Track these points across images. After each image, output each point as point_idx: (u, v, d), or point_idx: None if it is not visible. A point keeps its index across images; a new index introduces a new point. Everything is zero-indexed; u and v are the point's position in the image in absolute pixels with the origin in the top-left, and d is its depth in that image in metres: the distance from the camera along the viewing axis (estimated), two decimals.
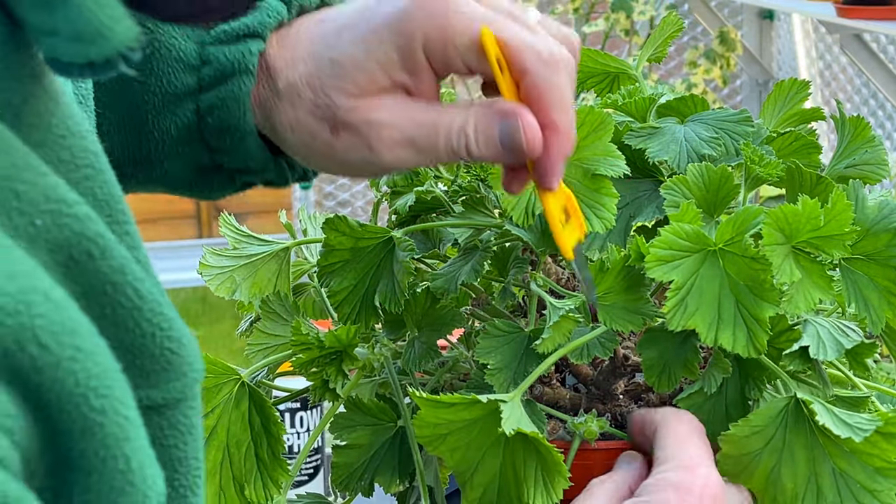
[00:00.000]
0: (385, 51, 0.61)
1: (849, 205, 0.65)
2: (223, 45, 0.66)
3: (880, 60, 2.81)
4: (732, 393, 0.69)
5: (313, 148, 0.64)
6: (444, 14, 0.60)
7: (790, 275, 0.64)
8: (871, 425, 0.63)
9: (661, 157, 0.74)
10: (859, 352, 0.68)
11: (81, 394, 0.36)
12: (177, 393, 0.43)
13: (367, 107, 0.62)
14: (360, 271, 0.76)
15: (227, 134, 0.66)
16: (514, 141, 0.60)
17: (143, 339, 0.41)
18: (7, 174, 0.38)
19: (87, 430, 0.36)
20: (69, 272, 0.39)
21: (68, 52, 0.39)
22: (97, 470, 0.37)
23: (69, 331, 0.36)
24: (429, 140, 0.62)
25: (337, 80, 0.62)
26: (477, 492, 0.66)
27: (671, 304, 0.64)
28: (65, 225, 0.39)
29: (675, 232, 0.65)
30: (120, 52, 0.39)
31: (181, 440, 0.44)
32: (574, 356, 0.70)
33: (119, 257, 0.40)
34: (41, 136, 0.41)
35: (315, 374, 0.73)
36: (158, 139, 0.68)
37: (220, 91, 0.66)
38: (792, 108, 0.81)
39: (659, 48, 0.82)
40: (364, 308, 0.76)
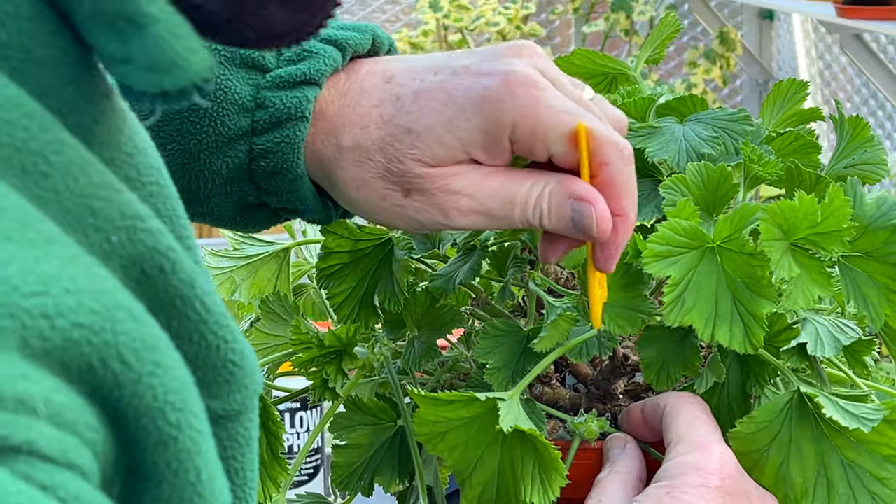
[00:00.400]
0: (469, 130, 0.63)
1: (846, 200, 0.65)
2: (280, 90, 0.67)
3: (880, 60, 2.81)
4: (734, 390, 0.69)
5: (380, 206, 0.65)
6: (535, 105, 0.62)
7: (789, 270, 0.64)
8: (878, 415, 0.63)
9: (660, 157, 0.74)
10: (857, 349, 0.68)
11: (159, 408, 0.36)
12: (237, 405, 0.43)
13: (443, 175, 0.64)
14: (359, 273, 0.76)
15: (278, 177, 0.67)
16: (585, 225, 0.63)
17: (208, 351, 0.41)
18: (84, 192, 0.38)
19: (161, 443, 0.37)
20: (140, 287, 0.39)
21: (141, 82, 0.39)
22: (168, 481, 0.37)
23: (150, 347, 0.36)
24: (504, 210, 0.64)
25: (414, 150, 0.64)
26: (476, 490, 0.66)
27: (668, 300, 0.65)
28: (139, 240, 0.39)
29: (673, 228, 0.65)
30: (194, 82, 0.39)
31: (239, 452, 0.44)
32: (573, 355, 0.70)
33: (189, 270, 0.40)
34: (110, 154, 0.41)
35: (315, 374, 0.74)
36: (209, 178, 0.68)
37: (274, 135, 0.66)
38: (791, 108, 0.81)
39: (657, 49, 0.82)
40: (364, 309, 0.77)
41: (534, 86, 0.63)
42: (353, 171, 0.65)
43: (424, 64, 0.66)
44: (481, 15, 3.18)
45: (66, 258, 0.35)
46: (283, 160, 0.67)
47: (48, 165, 0.37)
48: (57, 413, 0.33)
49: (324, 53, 0.67)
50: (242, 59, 0.67)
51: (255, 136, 0.67)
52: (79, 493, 0.33)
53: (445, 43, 3.22)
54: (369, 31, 0.70)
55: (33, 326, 0.32)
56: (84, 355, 0.34)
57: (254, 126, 0.67)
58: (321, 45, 0.67)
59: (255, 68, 0.68)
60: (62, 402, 0.33)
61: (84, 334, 0.34)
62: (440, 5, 3.18)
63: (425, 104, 0.64)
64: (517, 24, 3.21)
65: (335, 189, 0.67)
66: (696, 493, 0.62)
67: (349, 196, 0.66)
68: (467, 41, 3.24)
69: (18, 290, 0.32)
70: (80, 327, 0.34)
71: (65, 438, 0.33)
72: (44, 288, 0.33)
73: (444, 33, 3.24)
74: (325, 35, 0.68)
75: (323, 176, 0.67)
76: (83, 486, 0.33)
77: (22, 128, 0.36)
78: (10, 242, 0.33)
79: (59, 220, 0.36)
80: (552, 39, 3.79)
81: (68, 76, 0.39)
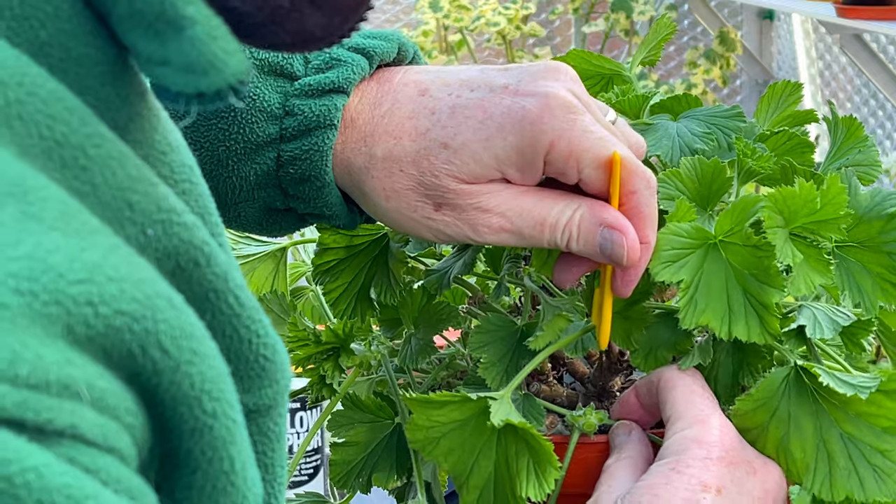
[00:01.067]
0: (506, 149, 0.64)
1: (843, 188, 0.66)
2: (308, 98, 0.67)
3: (880, 60, 2.81)
4: (724, 377, 0.70)
5: (410, 218, 0.66)
6: (573, 129, 0.63)
7: (792, 257, 0.65)
8: (874, 382, 0.64)
9: (653, 152, 0.74)
10: (855, 331, 0.69)
11: (196, 396, 0.37)
12: (268, 399, 0.43)
13: (476, 192, 0.65)
14: (355, 268, 0.77)
15: (306, 183, 0.68)
16: (615, 253, 0.65)
17: (241, 344, 0.42)
18: (122, 185, 0.38)
19: (197, 431, 0.37)
20: (174, 280, 0.39)
21: (178, 83, 0.40)
22: (202, 469, 0.38)
23: (188, 335, 0.36)
24: (534, 231, 0.65)
25: (449, 165, 0.65)
26: (473, 494, 0.67)
27: (682, 304, 0.65)
28: (174, 234, 0.39)
29: (674, 231, 0.66)
30: (230, 84, 0.40)
31: (269, 447, 0.44)
32: (569, 350, 0.71)
33: (223, 264, 0.41)
34: (144, 152, 0.42)
35: (312, 371, 0.74)
36: (237, 184, 0.69)
37: (303, 143, 0.67)
38: (786, 109, 0.81)
39: (652, 51, 0.83)
40: (360, 303, 0.77)
41: (572, 110, 0.64)
42: (384, 181, 0.66)
43: (459, 78, 0.67)
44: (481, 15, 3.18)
45: (108, 247, 0.35)
46: (311, 167, 0.67)
47: (87, 159, 0.37)
48: (99, 398, 0.33)
49: (352, 62, 0.68)
50: (271, 66, 0.68)
51: (283, 142, 0.68)
52: (119, 476, 0.34)
53: (445, 43, 3.23)
54: (395, 39, 0.70)
55: (78, 313, 0.33)
56: (125, 342, 0.34)
57: (282, 133, 0.68)
58: (349, 54, 0.68)
59: (284, 76, 0.68)
60: (104, 388, 0.34)
61: (126, 321, 0.34)
62: (440, 5, 3.18)
63: (462, 120, 0.65)
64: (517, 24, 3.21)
65: (364, 198, 0.68)
66: (701, 465, 0.62)
67: (378, 205, 0.67)
68: (467, 41, 3.24)
69: (64, 278, 0.33)
70: (122, 315, 0.34)
71: (106, 423, 0.34)
72: (88, 276, 0.33)
73: (444, 33, 3.24)
74: (352, 43, 0.69)
75: (352, 184, 0.68)
76: (123, 470, 0.34)
77: (63, 122, 0.37)
78: (55, 231, 0.33)
79: (98, 212, 0.37)
80: (552, 39, 3.79)
81: (105, 75, 0.40)
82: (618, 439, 0.69)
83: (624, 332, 0.70)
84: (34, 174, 0.35)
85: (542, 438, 0.64)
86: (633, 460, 0.66)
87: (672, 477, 0.62)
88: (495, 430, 0.65)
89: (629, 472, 0.66)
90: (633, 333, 0.70)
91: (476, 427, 0.65)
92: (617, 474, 0.66)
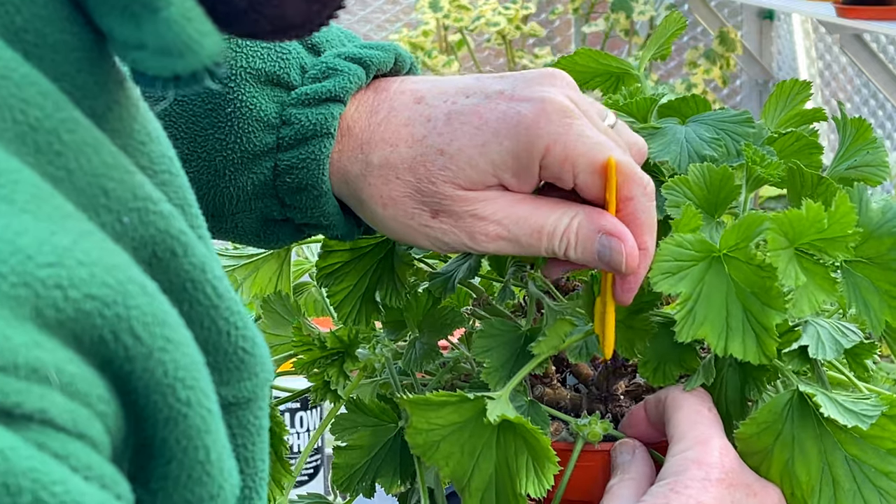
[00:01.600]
0: (502, 154, 0.64)
1: (852, 207, 0.65)
2: (305, 107, 0.67)
3: (880, 60, 2.81)
4: (732, 393, 0.69)
5: (407, 225, 0.66)
6: (569, 133, 0.63)
7: (795, 279, 0.64)
8: (877, 411, 0.63)
9: (661, 158, 0.74)
10: (858, 352, 0.68)
11: (169, 384, 0.36)
12: (248, 392, 0.43)
13: (472, 198, 0.65)
14: (359, 271, 0.76)
15: (303, 192, 0.68)
16: (612, 259, 0.65)
17: (219, 336, 0.41)
18: (97, 171, 0.38)
19: (172, 420, 0.37)
20: (150, 269, 0.39)
21: (154, 66, 0.40)
22: (177, 458, 0.38)
23: (161, 322, 0.36)
24: (531, 239, 0.65)
25: (446, 171, 0.65)
26: (475, 498, 0.66)
27: (680, 316, 0.64)
28: (150, 223, 0.39)
29: (678, 243, 0.65)
30: (206, 66, 0.40)
31: (249, 440, 0.44)
32: (572, 355, 0.70)
33: (200, 255, 0.41)
34: (122, 141, 0.42)
35: (316, 375, 0.73)
36: (234, 194, 0.69)
37: (299, 152, 0.67)
38: (793, 108, 0.81)
39: (662, 46, 0.82)
40: (364, 306, 0.76)
41: (568, 114, 0.64)
42: (380, 189, 0.66)
43: (454, 85, 0.67)
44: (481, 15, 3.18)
45: (80, 232, 0.35)
46: (308, 176, 0.67)
47: (61, 144, 0.37)
48: (69, 383, 0.33)
49: (348, 71, 0.68)
50: (268, 76, 0.68)
51: (280, 152, 0.68)
52: (90, 462, 0.33)
53: (445, 43, 3.22)
54: (392, 50, 0.70)
55: (47, 296, 0.33)
56: (96, 327, 0.34)
57: (279, 142, 0.68)
58: (345, 63, 0.68)
59: (281, 86, 0.68)
60: (74, 373, 0.33)
61: (96, 306, 0.34)
62: (440, 5, 3.18)
63: (458, 126, 0.65)
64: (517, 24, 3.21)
65: (361, 206, 0.68)
66: (700, 486, 0.62)
67: (375, 213, 0.67)
68: (467, 41, 3.24)
69: (33, 260, 0.32)
70: (92, 299, 0.34)
71: (77, 409, 0.33)
72: (58, 259, 0.33)
73: (444, 33, 3.24)
74: (348, 53, 0.69)
75: (349, 193, 0.68)
76: (94, 457, 0.34)
77: (37, 106, 0.36)
78: (26, 214, 0.33)
79: (72, 199, 0.37)
80: (552, 39, 3.79)
81: (82, 62, 0.40)
82: (620, 458, 0.69)
83: (627, 342, 0.69)
84: (6, 157, 0.34)
85: (538, 433, 0.64)
86: (635, 481, 0.66)
87: (671, 497, 0.62)
88: (494, 431, 0.65)
89: (632, 493, 0.65)
90: (637, 344, 0.69)
91: (475, 428, 0.65)
92: (619, 493, 0.65)
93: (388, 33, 3.65)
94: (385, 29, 3.78)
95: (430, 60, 3.12)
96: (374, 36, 3.81)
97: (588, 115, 0.65)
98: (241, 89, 0.68)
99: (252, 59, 0.68)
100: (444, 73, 3.12)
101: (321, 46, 0.70)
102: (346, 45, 0.70)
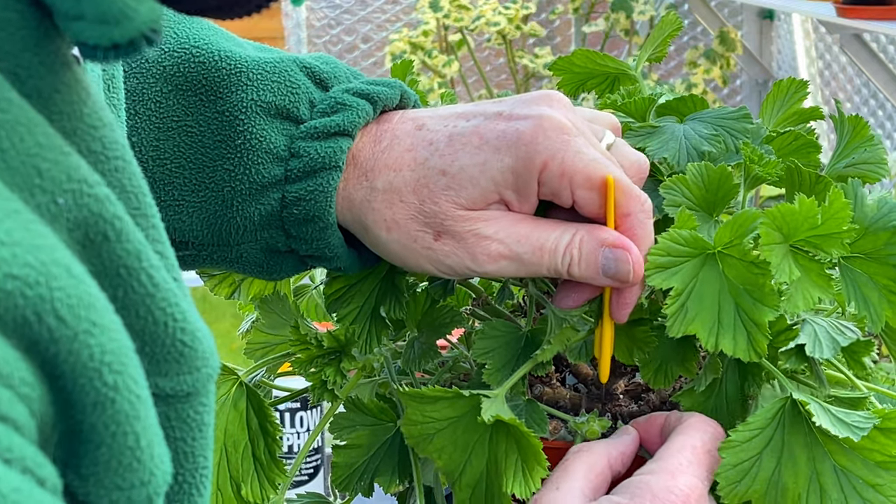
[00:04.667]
0: (503, 171, 0.65)
1: (846, 203, 0.65)
2: (314, 140, 0.68)
3: (880, 60, 2.81)
4: (732, 390, 0.69)
5: (411, 249, 0.67)
6: (566, 149, 0.64)
7: (789, 274, 0.64)
8: (869, 423, 0.63)
9: (660, 155, 0.74)
10: (856, 350, 0.68)
11: (95, 368, 0.36)
12: (187, 386, 0.43)
13: (475, 218, 0.66)
14: (365, 291, 0.76)
15: (309, 224, 0.69)
16: (619, 270, 0.65)
17: (156, 326, 0.42)
18: (31, 152, 0.38)
19: (100, 405, 0.37)
20: (85, 252, 0.39)
21: (94, 35, 0.40)
22: (106, 444, 0.38)
23: (86, 305, 0.36)
24: (534, 257, 0.66)
25: (448, 191, 0.65)
26: (465, 493, 0.66)
27: (671, 311, 0.65)
28: (84, 205, 0.39)
29: (673, 238, 0.65)
30: (143, 33, 0.40)
31: (189, 435, 0.44)
32: (572, 355, 0.70)
33: (136, 242, 0.41)
34: (73, 125, 0.42)
35: (314, 375, 0.74)
36: (241, 224, 0.70)
37: (307, 184, 0.68)
38: (791, 107, 0.81)
39: (658, 48, 0.82)
40: (374, 324, 0.76)
41: (566, 131, 0.65)
42: (384, 213, 0.67)
43: (454, 111, 0.68)
44: (481, 15, 3.17)
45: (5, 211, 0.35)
46: (316, 208, 0.68)
47: None
48: None
49: (356, 106, 0.69)
50: (277, 110, 0.69)
51: (288, 184, 0.69)
52: (11, 444, 0.33)
53: (445, 43, 3.22)
54: (398, 87, 0.72)
55: None
56: (18, 307, 0.34)
57: (287, 174, 0.69)
58: (354, 99, 0.69)
59: (290, 119, 0.70)
60: None
61: (17, 286, 0.34)
62: (440, 5, 3.18)
63: (459, 147, 0.66)
64: (517, 23, 3.20)
65: (366, 232, 0.68)
66: None
67: (379, 238, 0.68)
68: (467, 41, 3.24)
69: None
70: (13, 278, 0.34)
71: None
72: None
73: (444, 33, 3.24)
74: (357, 89, 0.70)
75: (353, 219, 0.69)
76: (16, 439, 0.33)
77: None
78: None
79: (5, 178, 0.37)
80: (552, 39, 3.79)
81: (26, 41, 0.40)
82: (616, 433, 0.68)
83: (626, 350, 0.70)
84: None
85: (530, 436, 0.64)
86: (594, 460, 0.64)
87: None
88: (488, 429, 0.65)
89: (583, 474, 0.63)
90: (636, 353, 0.69)
91: (469, 424, 0.65)
92: (571, 472, 0.63)
93: (388, 33, 3.65)
94: (385, 29, 3.78)
95: (431, 60, 3.12)
96: (374, 36, 3.81)
97: (585, 135, 0.66)
98: (251, 122, 0.69)
99: (262, 93, 0.69)
100: (444, 73, 3.12)
101: (329, 82, 0.71)
102: (353, 82, 0.71)
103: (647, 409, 0.77)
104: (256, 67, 0.70)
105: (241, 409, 0.75)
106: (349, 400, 0.76)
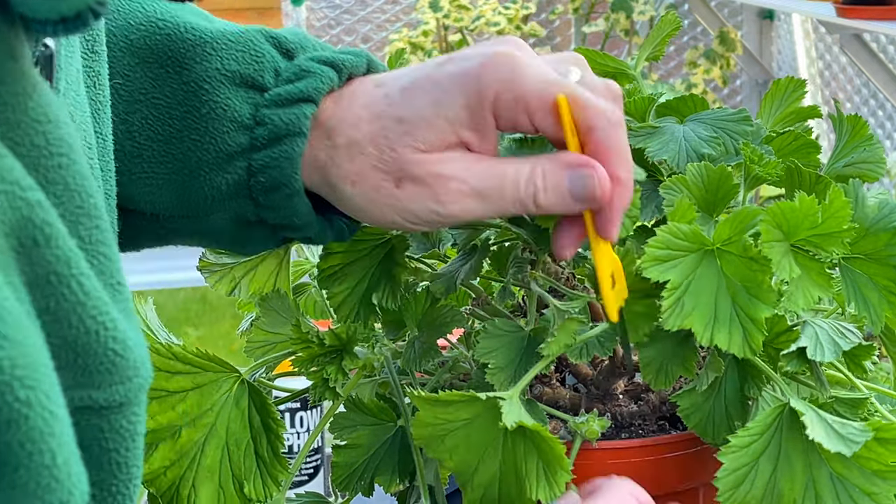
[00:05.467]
0: (454, 109, 0.65)
1: (846, 202, 0.65)
2: (278, 107, 0.68)
3: (880, 60, 2.81)
4: (731, 392, 0.69)
5: (376, 200, 0.67)
6: (514, 77, 0.64)
7: (789, 271, 0.64)
8: (863, 436, 0.63)
9: (660, 157, 0.74)
10: (857, 353, 0.68)
11: (6, 382, 0.36)
12: (120, 396, 0.43)
13: (434, 160, 0.65)
14: (359, 273, 0.76)
15: (276, 191, 0.69)
16: (586, 191, 0.64)
17: (87, 336, 0.41)
18: None
19: (13, 422, 0.36)
20: (19, 258, 0.39)
21: (42, 10, 0.40)
22: (23, 464, 0.37)
23: None
24: (496, 191, 0.65)
25: (404, 136, 0.65)
26: (478, 492, 0.66)
27: (668, 304, 0.65)
28: (17, 208, 0.39)
29: (672, 232, 0.65)
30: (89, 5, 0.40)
31: (122, 445, 0.44)
32: (573, 355, 0.70)
33: (66, 249, 0.40)
34: (17, 117, 0.42)
35: (315, 373, 0.74)
36: (208, 194, 0.70)
37: (273, 151, 0.68)
38: (789, 105, 0.81)
39: (657, 47, 0.82)
40: (363, 308, 0.77)
41: (515, 60, 0.64)
42: (347, 167, 0.67)
43: (410, 69, 0.69)
44: (481, 15, 3.18)
45: None
46: (281, 175, 0.68)
47: None
48: None
49: (320, 73, 0.69)
50: (242, 78, 0.69)
51: (253, 152, 0.69)
52: None
53: (445, 43, 3.22)
54: (364, 56, 0.71)
55: None
56: None
57: (253, 143, 0.69)
58: (318, 66, 0.69)
59: (255, 88, 0.69)
60: None
61: None
62: (440, 5, 3.18)
63: (412, 94, 0.66)
64: (517, 23, 3.20)
65: (333, 191, 0.68)
66: None
67: (345, 193, 0.67)
68: (467, 41, 3.24)
69: None
70: None
71: None
72: None
73: (444, 33, 3.24)
74: (321, 56, 0.70)
75: (322, 181, 0.68)
76: None
77: None
78: None
79: None
80: (552, 39, 3.79)
81: None
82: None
83: (633, 326, 0.69)
84: None
85: (553, 440, 0.64)
86: None
87: None
88: (502, 430, 0.64)
89: None
90: (643, 327, 0.68)
91: (483, 426, 0.65)
92: None
93: (388, 33, 3.65)
94: (385, 29, 3.78)
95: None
96: (374, 36, 3.81)
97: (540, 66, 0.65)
98: (216, 91, 0.69)
99: (227, 62, 0.69)
100: None
101: (295, 52, 0.71)
102: (319, 51, 0.71)
103: (646, 409, 0.77)
104: (221, 37, 0.70)
105: (243, 407, 0.75)
106: (349, 400, 0.76)
